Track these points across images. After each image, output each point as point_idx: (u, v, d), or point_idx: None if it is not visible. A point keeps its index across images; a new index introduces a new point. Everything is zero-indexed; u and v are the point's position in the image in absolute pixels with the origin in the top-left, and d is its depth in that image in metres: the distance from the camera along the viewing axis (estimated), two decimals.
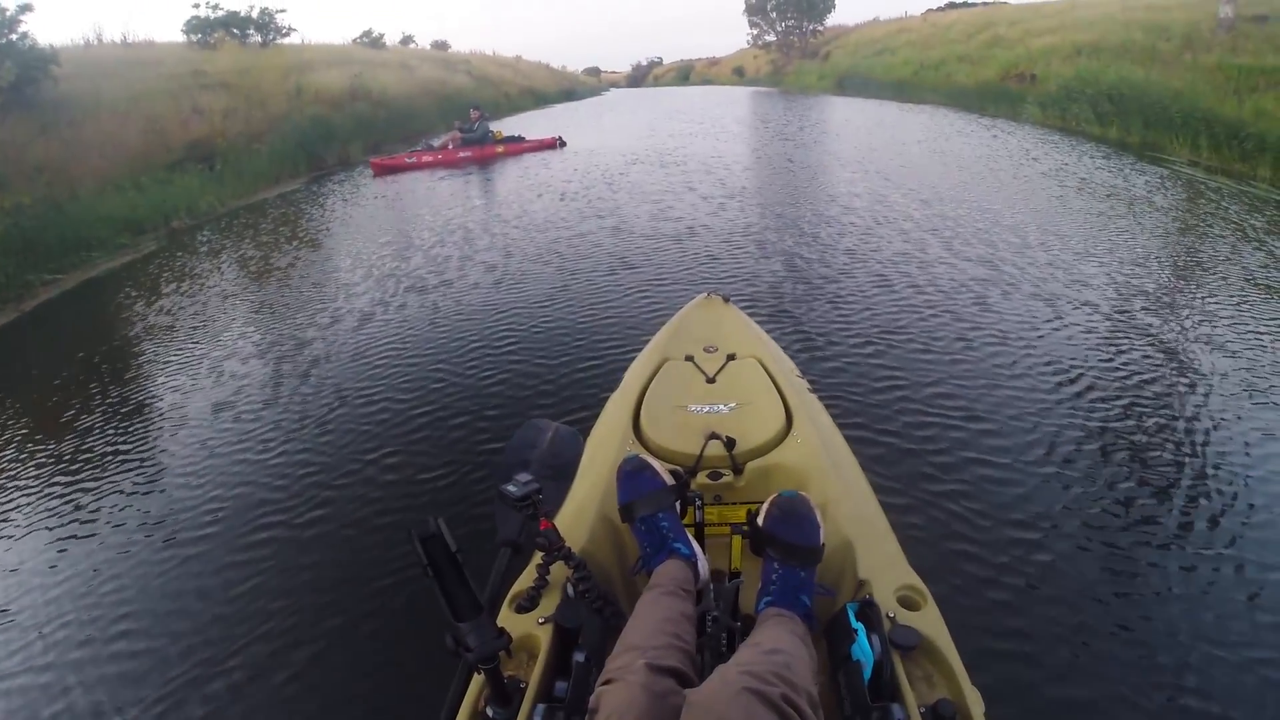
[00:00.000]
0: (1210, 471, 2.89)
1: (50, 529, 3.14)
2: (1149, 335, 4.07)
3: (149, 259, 7.56)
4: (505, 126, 16.35)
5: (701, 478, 1.88)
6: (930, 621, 1.44)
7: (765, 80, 33.99)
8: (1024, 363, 3.81)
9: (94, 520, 3.15)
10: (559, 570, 1.56)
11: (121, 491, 3.33)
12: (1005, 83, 15.52)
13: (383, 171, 11.55)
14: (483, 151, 12.48)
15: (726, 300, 2.73)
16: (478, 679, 1.36)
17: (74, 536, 3.08)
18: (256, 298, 6.04)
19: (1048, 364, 3.78)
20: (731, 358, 2.32)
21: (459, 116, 13.64)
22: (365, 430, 3.63)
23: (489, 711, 1.31)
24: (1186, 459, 2.97)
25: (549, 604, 1.53)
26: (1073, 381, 3.60)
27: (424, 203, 9.22)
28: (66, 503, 3.31)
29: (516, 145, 13.00)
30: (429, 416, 3.71)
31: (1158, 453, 3.03)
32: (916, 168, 9.35)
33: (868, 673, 1.30)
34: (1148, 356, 3.82)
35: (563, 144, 13.38)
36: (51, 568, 2.89)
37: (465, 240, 7.16)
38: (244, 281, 6.55)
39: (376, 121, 15.39)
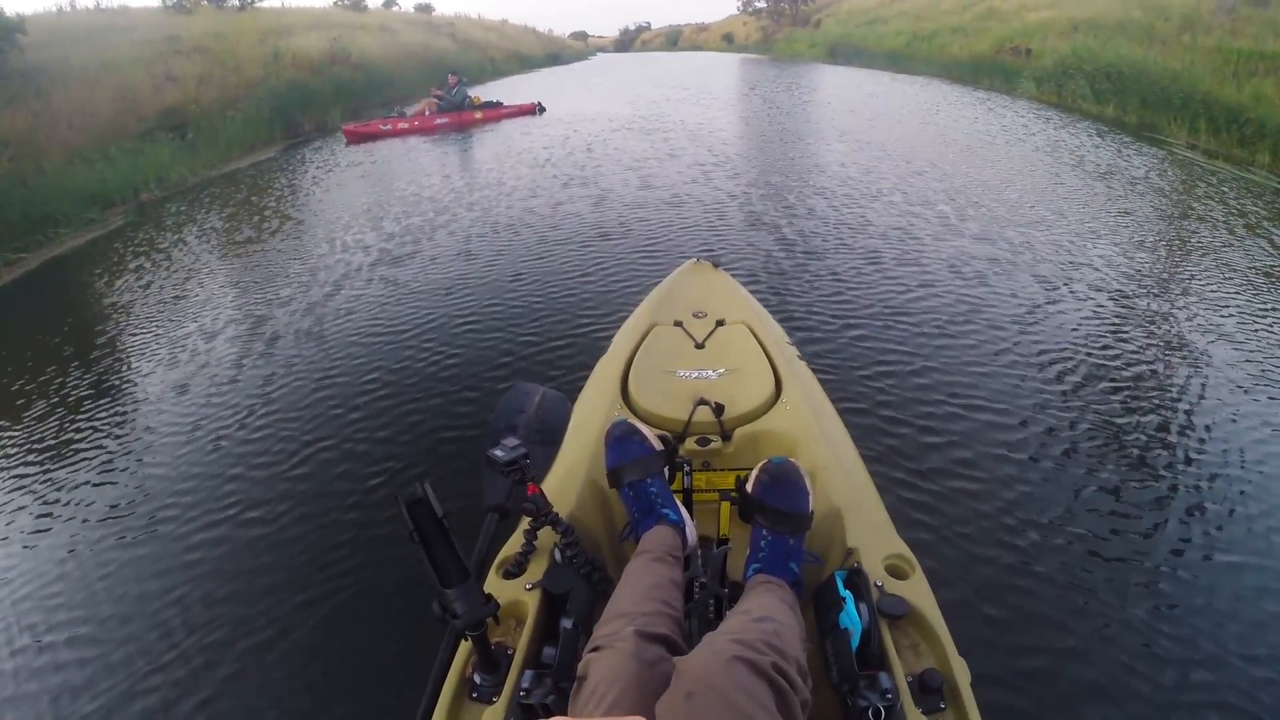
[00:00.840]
0: (1200, 448, 2.91)
1: (20, 512, 3.09)
2: (1143, 314, 4.07)
3: (116, 235, 7.24)
4: (489, 91, 16.07)
5: (690, 443, 1.87)
6: (918, 591, 1.44)
7: (755, 47, 33.47)
8: (1015, 337, 3.80)
9: (66, 504, 3.09)
10: (547, 535, 1.55)
11: (93, 474, 3.26)
12: (1000, 56, 15.25)
13: (356, 139, 11.21)
14: (460, 118, 12.19)
15: (716, 265, 2.70)
16: (465, 645, 1.35)
17: (48, 515, 3.05)
18: (228, 272, 5.85)
19: (1039, 339, 3.77)
20: (721, 323, 2.30)
21: (443, 81, 13.25)
22: (349, 399, 3.60)
23: (476, 678, 1.30)
24: (1177, 436, 2.99)
25: (536, 569, 1.52)
26: (1064, 357, 3.60)
27: (402, 171, 8.98)
28: (35, 489, 3.24)
29: (495, 111, 12.71)
30: (415, 383, 3.69)
31: (1148, 430, 3.04)
32: (910, 140, 9.22)
33: (855, 641, 1.30)
34: (1141, 334, 3.83)
35: (541, 110, 13.11)
36: (26, 548, 2.86)
37: (448, 208, 7.01)
38: (214, 256, 6.29)
39: (356, 86, 15.02)
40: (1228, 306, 4.14)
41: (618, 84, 18.68)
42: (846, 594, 1.37)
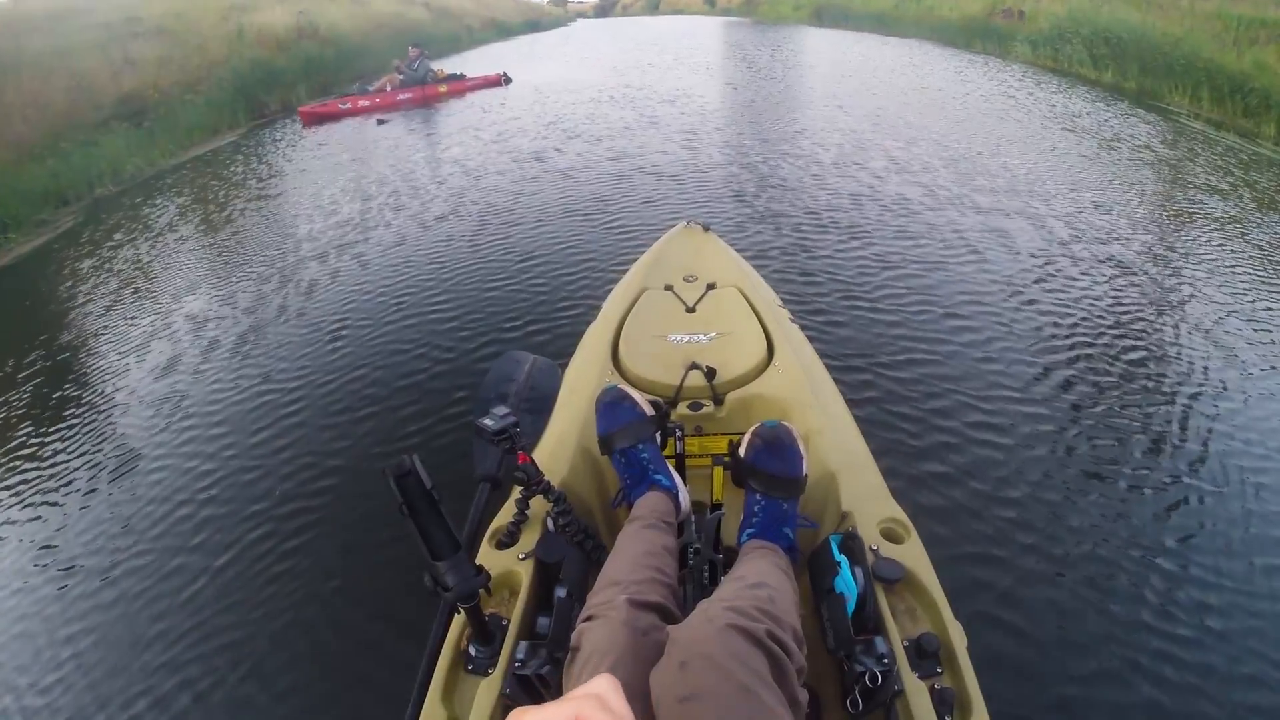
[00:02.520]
0: (1195, 412, 2.91)
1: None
2: (1147, 285, 4.01)
3: (68, 236, 6.53)
4: (466, 62, 15.54)
5: (682, 408, 1.85)
6: (913, 554, 1.44)
7: (737, 10, 32.49)
8: (1013, 303, 3.78)
9: (53, 490, 3.07)
10: (539, 504, 1.54)
11: (79, 476, 3.18)
12: (992, 19, 14.80)
13: (313, 120, 10.53)
14: (425, 93, 11.62)
15: (706, 229, 2.67)
16: (460, 618, 1.34)
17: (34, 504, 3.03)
18: (191, 266, 5.43)
19: (1038, 306, 3.75)
20: (711, 287, 2.27)
21: (425, 51, 12.58)
22: (335, 376, 3.55)
23: (471, 650, 1.29)
24: (1176, 404, 2.98)
25: (529, 539, 1.51)
26: (1062, 323, 3.58)
27: (368, 151, 8.50)
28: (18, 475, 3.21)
29: (460, 84, 12.15)
30: (402, 357, 3.64)
31: (1148, 396, 3.03)
32: (902, 106, 8.98)
33: (851, 606, 1.29)
34: (1144, 306, 3.78)
35: (508, 80, 12.64)
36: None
37: (423, 186, 6.72)
38: (174, 251, 5.80)
39: (325, 62, 14.24)
40: (1237, 281, 4.07)
41: (598, 51, 18.27)
42: (841, 558, 1.36)
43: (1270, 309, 3.73)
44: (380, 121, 9.94)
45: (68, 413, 3.61)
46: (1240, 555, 2.25)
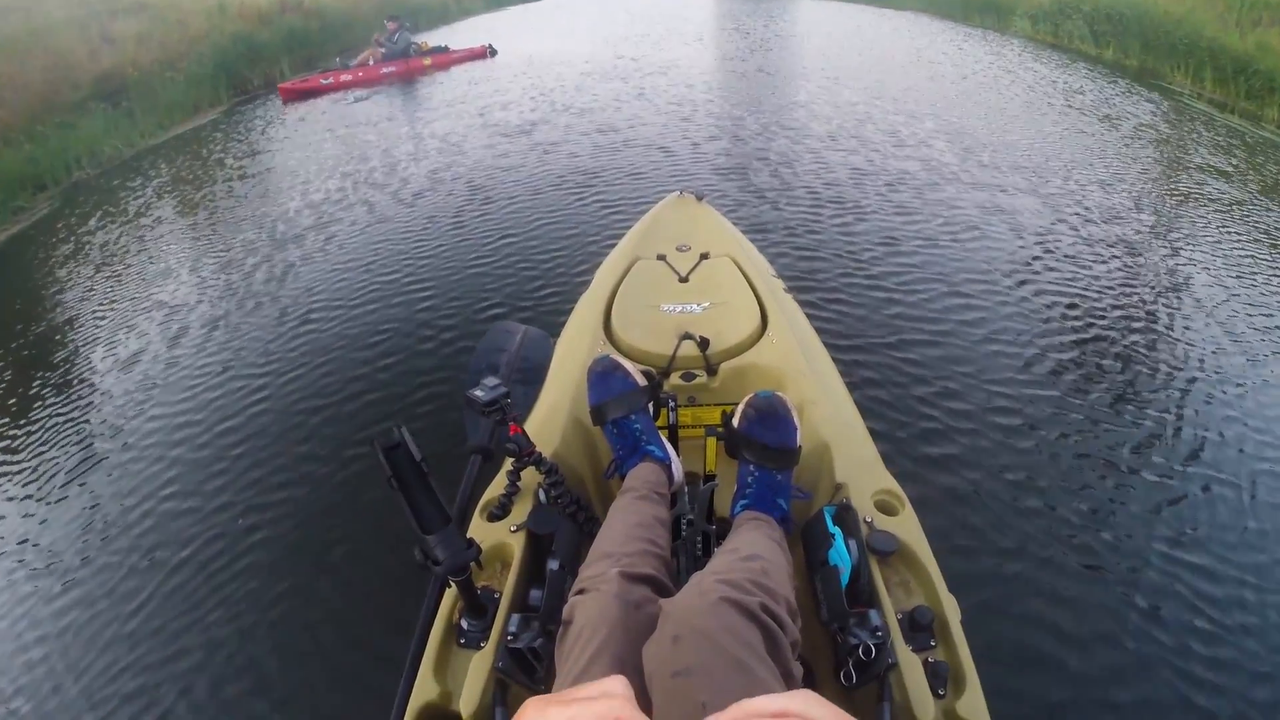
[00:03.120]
0: (1195, 396, 2.91)
1: None
2: (1145, 262, 3.98)
3: (45, 223, 6.25)
4: (455, 33, 14.89)
5: (675, 379, 1.83)
6: (908, 527, 1.43)
7: None
8: (1010, 277, 3.76)
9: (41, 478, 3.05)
10: (530, 476, 1.52)
11: (66, 456, 3.15)
12: None
13: (294, 97, 10.10)
14: (408, 66, 11.15)
15: (700, 198, 2.63)
16: (451, 592, 1.33)
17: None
18: (174, 246, 5.25)
19: (1034, 281, 3.73)
20: (705, 256, 2.24)
21: (404, 23, 11.92)
22: (324, 349, 3.54)
23: (464, 624, 1.28)
24: (1170, 385, 2.98)
25: (521, 511, 1.49)
26: (1060, 299, 3.57)
27: (353, 126, 8.22)
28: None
29: (444, 57, 11.64)
30: (393, 330, 3.62)
31: (1143, 378, 3.02)
32: (899, 80, 8.71)
33: (845, 578, 1.28)
34: (1140, 282, 3.76)
35: (493, 53, 12.04)
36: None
37: (411, 160, 6.55)
38: (155, 234, 5.61)
39: (310, 35, 13.55)
40: (1241, 265, 4.02)
41: (589, 21, 17.92)
42: (835, 530, 1.35)
43: (1277, 294, 3.69)
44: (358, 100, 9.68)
45: (48, 398, 3.59)
46: (1236, 538, 2.27)
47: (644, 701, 0.95)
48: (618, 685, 0.50)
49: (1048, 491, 2.41)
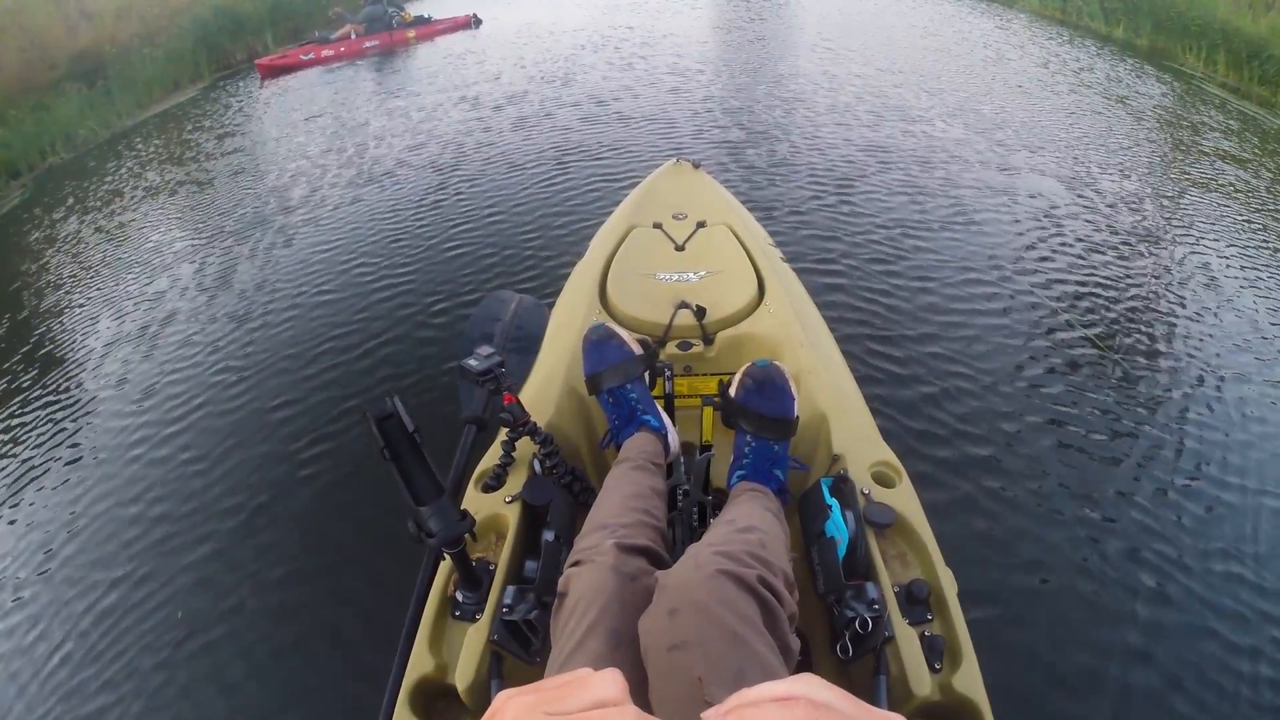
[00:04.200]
0: (1200, 380, 2.87)
1: None
2: (1153, 248, 3.88)
3: (20, 211, 6.02)
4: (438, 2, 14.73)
5: (671, 348, 1.82)
6: (904, 499, 1.43)
7: None
8: (1010, 254, 3.71)
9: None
10: (525, 446, 1.51)
11: (60, 443, 3.13)
12: None
13: (272, 74, 9.61)
14: (392, 38, 10.57)
15: (696, 166, 2.60)
16: (446, 564, 1.33)
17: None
18: (154, 228, 5.19)
19: (1038, 259, 3.67)
20: (701, 225, 2.22)
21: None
22: (317, 318, 3.53)
23: (459, 596, 1.28)
24: (1175, 370, 2.94)
25: (516, 482, 1.49)
26: (1065, 279, 3.51)
27: (337, 100, 7.94)
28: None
29: (428, 28, 11.05)
30: (384, 297, 3.61)
31: (1147, 362, 2.98)
32: (905, 54, 8.33)
33: (842, 550, 1.28)
34: (1149, 267, 3.68)
35: (478, 22, 11.40)
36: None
37: (399, 133, 6.38)
38: (133, 217, 5.45)
39: (295, 4, 12.78)
40: (1257, 256, 3.87)
41: None
42: (833, 502, 1.35)
43: None
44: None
45: (43, 381, 3.58)
46: (1231, 517, 2.27)
47: (639, 675, 0.95)
48: (613, 690, 0.43)
49: (1047, 470, 2.40)
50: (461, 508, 1.21)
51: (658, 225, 2.23)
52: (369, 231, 4.40)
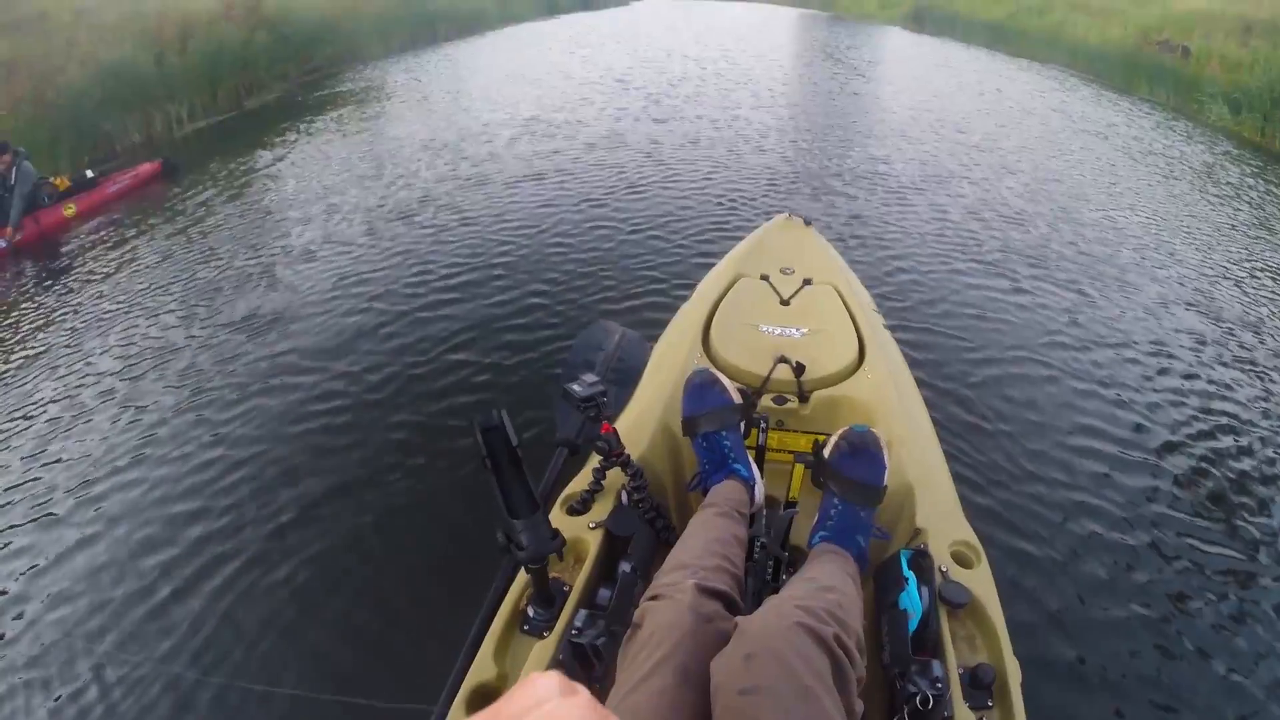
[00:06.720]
0: None
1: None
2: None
3: None
4: (489, 43, 13.48)
5: (766, 400, 1.83)
6: (981, 582, 1.40)
7: (816, 2, 27.73)
8: (1114, 352, 3.56)
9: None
10: (615, 476, 1.54)
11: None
12: (1145, 49, 10.88)
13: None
14: (39, 224, 5.61)
15: (808, 223, 2.63)
16: (521, 578, 1.35)
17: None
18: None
19: (1144, 362, 3.51)
20: (808, 282, 2.23)
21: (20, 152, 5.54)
22: (424, 323, 3.69)
23: (530, 611, 1.30)
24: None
25: (601, 509, 1.51)
26: (1179, 375, 3.39)
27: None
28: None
29: (95, 194, 6.13)
30: (497, 312, 3.74)
31: (1260, 481, 2.81)
32: (1043, 156, 7.18)
33: (913, 624, 1.27)
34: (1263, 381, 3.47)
35: (170, 169, 6.76)
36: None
37: (511, 145, 6.78)
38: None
39: (254, 54, 9.73)
40: None
41: (660, 39, 15.43)
42: (910, 575, 1.34)
43: None
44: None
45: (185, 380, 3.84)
46: None
47: (704, 712, 0.97)
48: (550, 687, 0.40)
49: (1132, 576, 2.32)
50: (552, 526, 1.24)
51: (765, 277, 2.26)
52: (485, 247, 4.60)
